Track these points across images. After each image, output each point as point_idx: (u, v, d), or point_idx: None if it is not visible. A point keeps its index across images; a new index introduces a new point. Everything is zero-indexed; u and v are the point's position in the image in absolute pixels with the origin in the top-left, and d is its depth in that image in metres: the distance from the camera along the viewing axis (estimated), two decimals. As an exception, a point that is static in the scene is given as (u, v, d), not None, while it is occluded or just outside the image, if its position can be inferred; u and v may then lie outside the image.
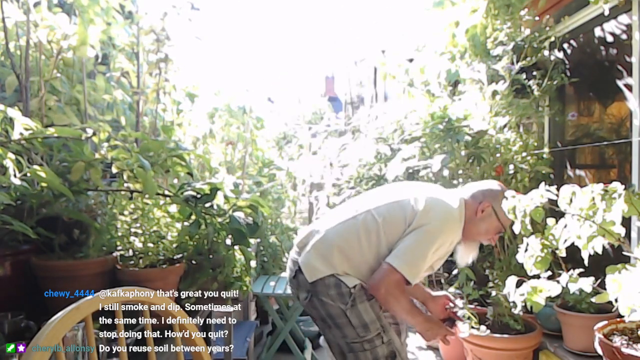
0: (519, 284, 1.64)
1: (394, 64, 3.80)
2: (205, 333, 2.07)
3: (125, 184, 1.72)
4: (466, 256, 1.94)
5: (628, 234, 2.28)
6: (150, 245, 1.62)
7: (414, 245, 1.69)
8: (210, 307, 1.92)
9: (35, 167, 1.42)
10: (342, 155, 4.57)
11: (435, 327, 1.82)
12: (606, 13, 2.27)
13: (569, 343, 2.33)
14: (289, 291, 3.40)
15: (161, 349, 1.33)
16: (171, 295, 1.57)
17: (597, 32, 2.76)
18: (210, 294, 1.71)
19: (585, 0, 2.43)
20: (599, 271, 1.45)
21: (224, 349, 2.60)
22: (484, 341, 2.52)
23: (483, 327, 2.54)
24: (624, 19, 2.50)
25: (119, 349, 0.89)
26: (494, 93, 2.83)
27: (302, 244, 1.83)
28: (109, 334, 1.23)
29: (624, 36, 2.52)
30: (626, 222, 1.57)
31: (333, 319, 1.74)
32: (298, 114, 7.19)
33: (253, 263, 1.84)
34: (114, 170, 1.68)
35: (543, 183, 1.67)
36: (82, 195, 1.59)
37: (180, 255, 1.68)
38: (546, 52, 2.85)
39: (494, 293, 2.65)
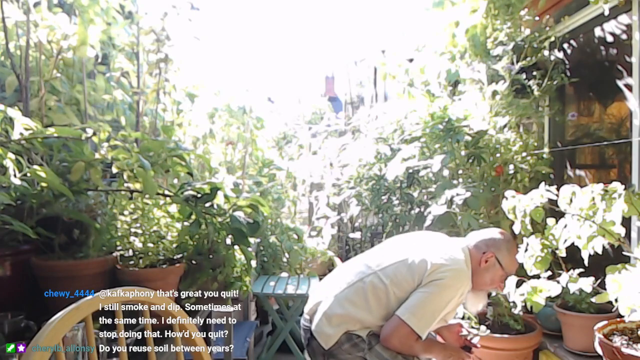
0: (519, 284, 1.64)
1: (394, 64, 3.79)
2: (205, 333, 2.07)
3: (125, 184, 1.72)
4: (476, 305, 1.96)
5: (628, 234, 2.28)
6: (150, 245, 1.62)
7: (426, 299, 1.70)
8: (210, 307, 1.92)
9: (35, 167, 1.42)
10: (342, 155, 4.57)
11: (455, 353, 1.84)
12: (606, 13, 2.27)
13: (569, 343, 2.33)
14: (289, 291, 3.40)
15: (161, 349, 1.33)
16: (171, 295, 1.57)
17: (597, 32, 2.76)
18: (210, 294, 1.71)
19: (585, 0, 2.43)
20: (599, 271, 1.45)
21: (224, 349, 2.60)
22: (484, 341, 2.52)
23: (483, 327, 2.55)
24: (624, 19, 2.50)
25: (119, 349, 0.89)
26: (494, 93, 2.83)
27: (312, 312, 1.87)
28: (109, 334, 1.24)
29: (624, 36, 2.52)
30: (626, 222, 1.57)
31: None
32: (298, 114, 7.19)
33: (253, 263, 1.84)
34: (114, 170, 1.68)
35: (543, 183, 1.68)
36: (82, 195, 1.59)
37: (180, 255, 1.68)
38: (546, 52, 2.85)
39: (494, 293, 2.65)
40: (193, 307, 1.69)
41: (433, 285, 1.71)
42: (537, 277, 1.62)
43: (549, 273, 1.62)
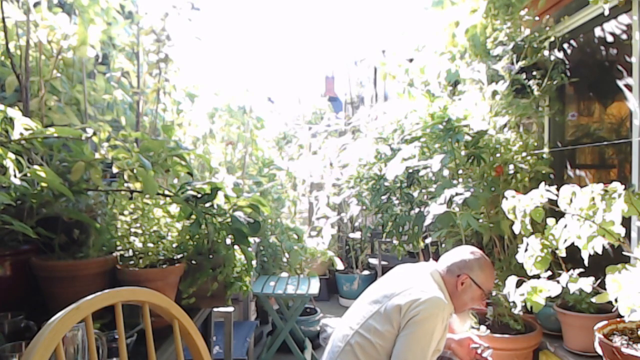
0: (519, 284, 1.64)
1: (394, 64, 3.80)
2: (205, 333, 2.07)
3: (126, 184, 1.72)
4: (462, 326, 1.98)
5: (628, 234, 2.28)
6: (150, 245, 1.62)
7: (411, 341, 1.68)
8: (211, 307, 1.92)
9: (35, 167, 1.42)
10: (342, 155, 4.57)
11: None
12: (606, 13, 2.27)
13: (569, 343, 2.34)
14: (289, 291, 3.40)
15: (161, 349, 1.33)
16: (171, 295, 1.57)
17: (597, 32, 2.76)
18: (210, 294, 1.71)
19: (585, 0, 2.43)
20: (599, 271, 1.45)
21: (224, 349, 2.60)
22: (484, 341, 2.52)
23: (483, 327, 2.55)
24: (624, 19, 2.51)
25: (119, 349, 0.89)
26: (494, 93, 2.83)
27: None
28: (109, 334, 1.24)
29: (624, 36, 2.52)
30: (626, 222, 1.57)
31: None
32: (298, 114, 7.19)
33: (253, 263, 1.84)
34: (114, 170, 1.67)
35: (543, 183, 1.68)
36: (82, 195, 1.59)
37: (180, 255, 1.68)
38: (546, 52, 2.85)
39: (494, 293, 2.65)
40: (193, 307, 1.69)
41: (411, 325, 1.69)
42: (537, 277, 1.63)
43: (549, 273, 1.62)
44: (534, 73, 2.80)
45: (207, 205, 1.65)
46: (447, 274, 1.90)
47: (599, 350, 1.49)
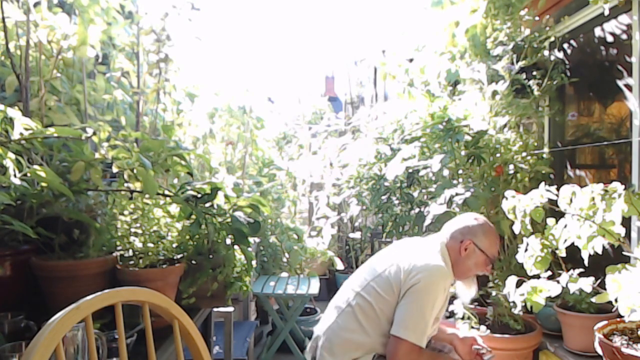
0: (519, 284, 1.64)
1: (394, 64, 3.80)
2: (205, 333, 2.07)
3: (126, 184, 1.72)
4: (467, 292, 1.97)
5: (628, 234, 2.28)
6: (150, 245, 1.62)
7: (411, 308, 1.70)
8: (211, 307, 1.92)
9: (35, 167, 1.42)
10: (342, 155, 4.57)
11: None
12: (606, 13, 2.27)
13: (569, 343, 2.33)
14: (289, 291, 3.40)
15: (161, 349, 1.33)
16: (171, 295, 1.57)
17: (597, 32, 2.76)
18: (210, 294, 1.71)
19: (585, 0, 2.43)
20: (599, 271, 1.45)
21: (224, 349, 2.60)
22: (484, 341, 2.52)
23: (483, 327, 2.55)
24: (624, 19, 2.50)
25: (119, 349, 0.89)
26: (494, 93, 2.83)
27: (313, 349, 1.90)
28: (109, 334, 1.24)
29: (624, 36, 2.52)
30: (626, 222, 1.57)
31: None
32: (298, 114, 7.18)
33: (253, 263, 1.84)
34: (114, 170, 1.67)
35: (543, 183, 1.68)
36: (82, 195, 1.59)
37: (180, 255, 1.68)
38: (546, 52, 2.85)
39: (494, 293, 2.65)
40: (193, 307, 1.69)
41: (411, 293, 1.71)
42: (537, 277, 1.62)
43: (549, 273, 1.62)
44: (534, 73, 2.80)
45: (207, 205, 1.65)
46: (451, 241, 1.89)
47: (599, 350, 1.49)
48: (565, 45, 3.01)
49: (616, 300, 1.32)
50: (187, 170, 1.79)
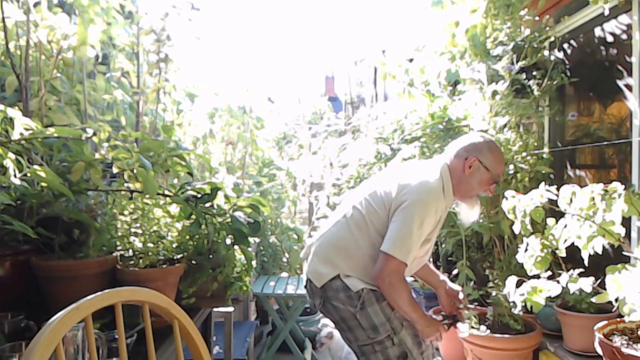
0: (519, 284, 1.64)
1: (394, 64, 3.80)
2: (205, 333, 2.07)
3: (126, 184, 1.72)
4: (470, 214, 1.93)
5: (628, 234, 2.28)
6: (150, 245, 1.62)
7: (399, 225, 1.71)
8: (211, 307, 1.92)
9: (35, 167, 1.42)
10: (342, 155, 4.57)
11: (434, 326, 1.82)
12: (606, 13, 2.27)
13: (569, 343, 2.33)
14: (289, 291, 3.40)
15: (161, 349, 1.33)
16: (171, 295, 1.57)
17: (597, 32, 2.76)
18: (210, 294, 1.71)
19: (585, 0, 2.43)
20: (599, 271, 1.45)
21: (224, 349, 2.60)
22: (484, 341, 2.52)
23: (483, 327, 2.55)
24: (624, 19, 2.51)
25: (119, 349, 0.89)
26: (494, 93, 2.83)
27: (306, 256, 1.95)
28: (109, 334, 1.24)
29: (624, 36, 2.52)
30: (626, 222, 1.57)
31: (345, 322, 1.80)
32: (298, 114, 7.19)
33: (253, 263, 1.84)
34: (114, 170, 1.67)
35: (543, 183, 1.68)
36: (82, 195, 1.59)
37: (180, 255, 1.68)
38: (546, 52, 2.85)
39: (494, 293, 2.65)
40: (193, 307, 1.69)
41: (401, 212, 1.72)
42: (537, 277, 1.62)
43: (549, 273, 1.62)
44: (534, 73, 2.80)
45: (207, 205, 1.65)
46: (455, 160, 1.86)
47: (599, 350, 1.50)
48: (565, 45, 3.01)
49: (616, 300, 1.32)
50: (187, 171, 1.79)
